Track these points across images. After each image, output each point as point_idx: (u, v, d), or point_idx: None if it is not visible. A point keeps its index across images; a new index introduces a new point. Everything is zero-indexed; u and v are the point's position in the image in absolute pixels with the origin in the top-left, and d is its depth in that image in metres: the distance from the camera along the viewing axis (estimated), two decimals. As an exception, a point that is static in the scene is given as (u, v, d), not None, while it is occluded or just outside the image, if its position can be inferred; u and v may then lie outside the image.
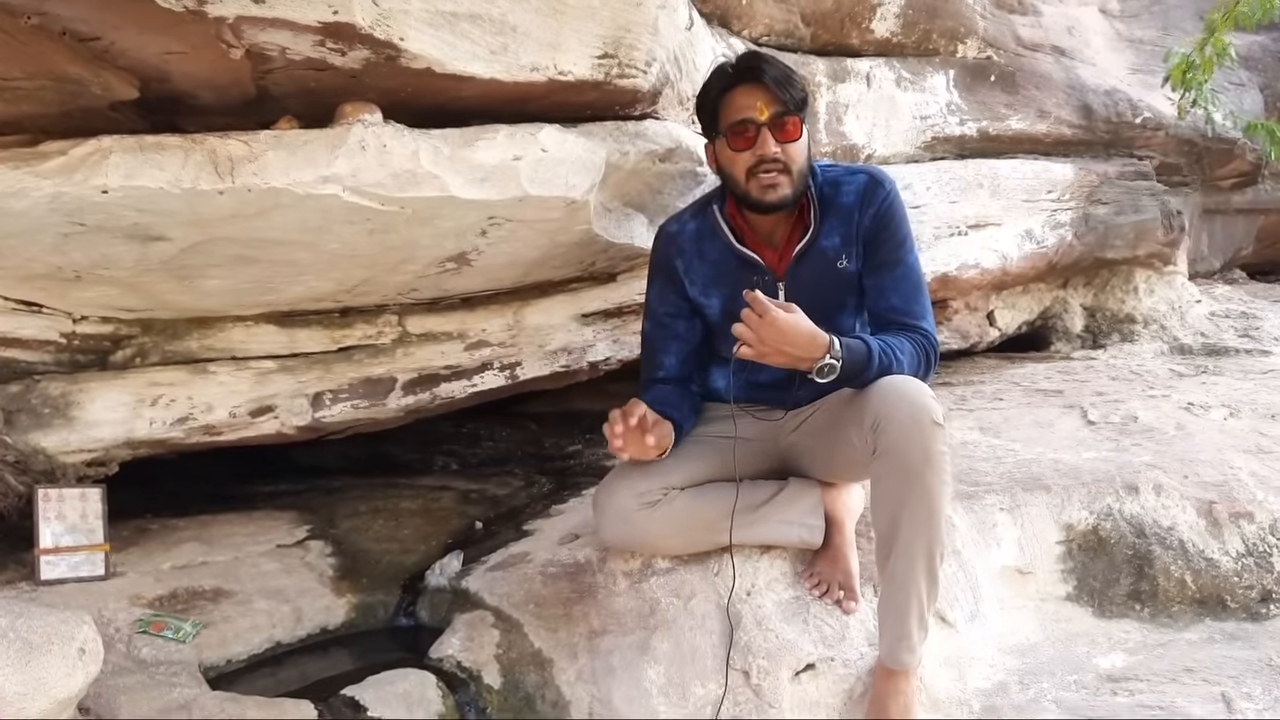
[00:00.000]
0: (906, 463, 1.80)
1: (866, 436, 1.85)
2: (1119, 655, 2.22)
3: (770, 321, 1.75)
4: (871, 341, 1.85)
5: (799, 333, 1.78)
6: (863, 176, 2.03)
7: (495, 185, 1.91)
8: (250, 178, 1.66)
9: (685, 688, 1.95)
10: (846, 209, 2.00)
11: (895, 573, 1.86)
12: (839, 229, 2.01)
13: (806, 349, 1.78)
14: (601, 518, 2.06)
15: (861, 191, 2.00)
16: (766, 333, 1.76)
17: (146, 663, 1.78)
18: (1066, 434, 2.91)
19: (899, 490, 1.82)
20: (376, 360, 2.42)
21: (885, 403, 1.82)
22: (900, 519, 1.83)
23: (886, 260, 1.99)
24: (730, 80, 1.97)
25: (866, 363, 1.83)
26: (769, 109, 1.92)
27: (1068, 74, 3.94)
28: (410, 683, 1.75)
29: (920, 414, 1.80)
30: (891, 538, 1.85)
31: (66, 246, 1.79)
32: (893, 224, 2.00)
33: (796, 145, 1.94)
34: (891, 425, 1.80)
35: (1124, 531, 2.43)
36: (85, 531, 2.09)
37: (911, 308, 1.96)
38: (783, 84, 1.93)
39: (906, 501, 1.81)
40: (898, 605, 1.87)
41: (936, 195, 3.34)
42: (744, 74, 1.96)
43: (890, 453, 1.81)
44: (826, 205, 2.02)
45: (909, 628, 1.87)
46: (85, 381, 2.13)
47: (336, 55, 1.65)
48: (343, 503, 2.64)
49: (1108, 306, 4.23)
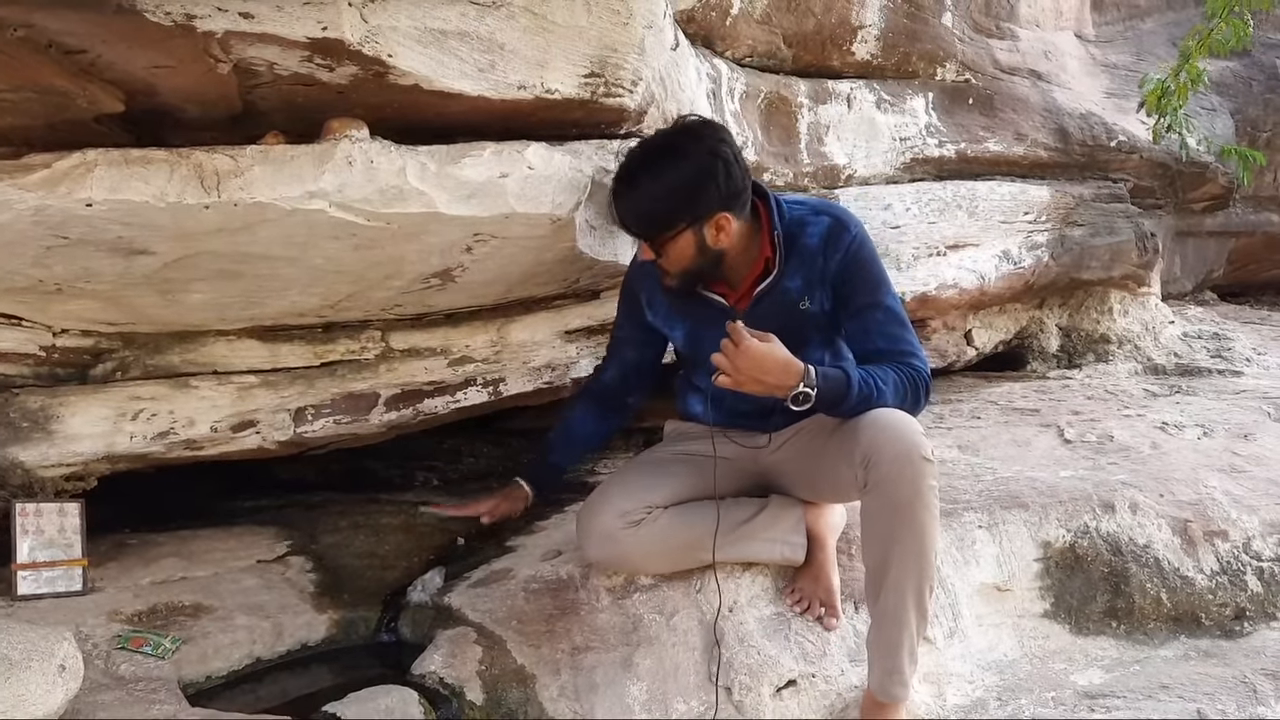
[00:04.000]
0: (897, 499, 1.81)
1: (857, 471, 1.86)
2: (1096, 672, 2.24)
3: (744, 351, 1.76)
4: (851, 371, 1.85)
5: (773, 361, 1.78)
6: (826, 219, 2.01)
7: (481, 202, 1.92)
8: (236, 192, 1.66)
9: (668, 704, 1.95)
10: (810, 251, 1.99)
11: (886, 607, 1.86)
12: (801, 271, 2.00)
13: (781, 377, 1.79)
14: (585, 537, 2.06)
15: (825, 234, 1.99)
16: (742, 362, 1.77)
17: (125, 679, 1.75)
18: (1044, 452, 2.94)
19: (889, 526, 1.83)
20: (360, 376, 2.41)
21: (875, 439, 1.83)
22: (891, 555, 1.83)
23: (864, 304, 1.97)
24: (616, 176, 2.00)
25: (845, 392, 1.82)
26: (630, 232, 2.01)
27: (1044, 98, 3.99)
28: (392, 699, 1.73)
29: (910, 450, 1.81)
30: (882, 573, 1.86)
31: (49, 259, 1.78)
32: (864, 269, 1.99)
33: (668, 256, 1.95)
34: (882, 461, 1.81)
35: (1100, 549, 2.45)
36: (63, 546, 2.06)
37: (897, 346, 1.94)
38: (635, 222, 1.96)
39: (897, 538, 1.83)
40: (889, 639, 1.87)
41: (916, 216, 3.37)
42: (616, 182, 1.99)
43: (880, 488, 1.82)
44: (790, 245, 2.00)
45: (900, 661, 1.88)
46: (65, 395, 2.11)
47: (324, 71, 1.66)
48: (324, 518, 2.61)
49: (1083, 327, 4.28)
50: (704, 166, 1.89)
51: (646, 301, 2.16)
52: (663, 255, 1.94)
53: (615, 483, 2.14)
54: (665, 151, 1.92)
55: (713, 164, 1.89)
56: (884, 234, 3.27)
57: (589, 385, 2.38)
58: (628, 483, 2.11)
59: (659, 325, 2.17)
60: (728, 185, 1.90)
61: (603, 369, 2.34)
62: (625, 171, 1.96)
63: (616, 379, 2.30)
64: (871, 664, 1.93)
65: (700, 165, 1.89)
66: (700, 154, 1.90)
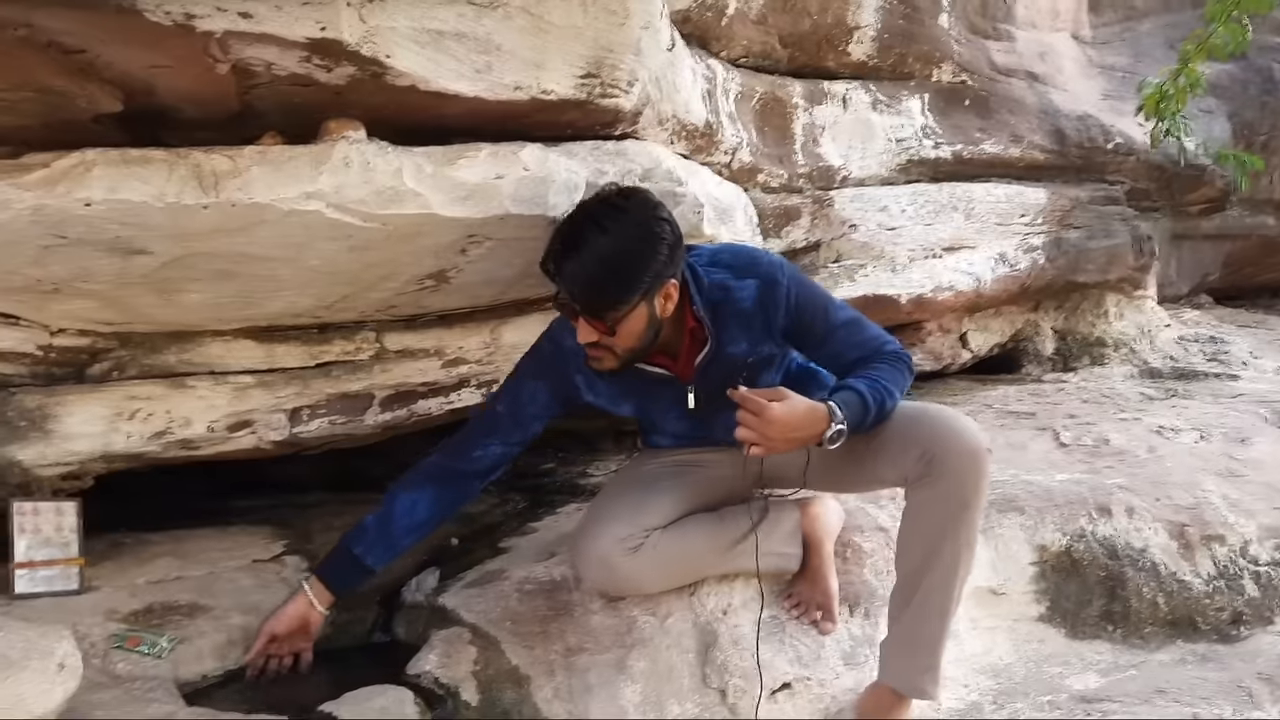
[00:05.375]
0: (961, 494, 1.81)
1: (909, 468, 1.84)
2: (1092, 676, 2.25)
3: (771, 420, 1.72)
4: (859, 385, 1.83)
5: (798, 416, 1.75)
6: (752, 283, 1.91)
7: (477, 203, 1.91)
8: (234, 193, 1.66)
9: (662, 706, 1.95)
10: (746, 314, 1.92)
11: (930, 602, 1.85)
12: (744, 335, 1.94)
13: (810, 427, 1.75)
14: (582, 564, 2.03)
15: (758, 298, 1.91)
16: (770, 430, 1.72)
17: (122, 678, 1.76)
18: (1039, 456, 2.95)
19: (945, 521, 1.82)
20: (355, 376, 2.41)
21: (938, 436, 1.82)
22: (942, 549, 1.83)
23: (824, 335, 1.94)
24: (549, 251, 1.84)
25: (865, 411, 1.80)
26: (575, 306, 1.82)
27: (1041, 99, 3.99)
28: (388, 699, 1.74)
29: (977, 447, 1.81)
30: (927, 567, 1.84)
31: (46, 259, 1.78)
32: (808, 310, 1.93)
33: (619, 334, 1.82)
34: (950, 457, 1.80)
35: (1097, 553, 2.46)
36: (60, 545, 2.06)
37: (868, 347, 1.93)
38: (587, 295, 1.79)
39: (951, 531, 1.82)
40: (929, 635, 1.87)
41: (912, 218, 3.37)
42: (549, 258, 1.84)
43: (943, 482, 1.81)
44: (720, 312, 1.92)
45: (939, 658, 1.88)
46: (62, 394, 2.11)
47: (322, 71, 1.66)
48: (318, 518, 2.62)
49: (1078, 330, 4.28)
50: (651, 229, 1.80)
51: (585, 384, 2.03)
52: (614, 334, 1.82)
53: (607, 505, 2.08)
54: (607, 215, 1.80)
55: (659, 226, 1.81)
56: (879, 236, 3.28)
57: (450, 464, 2.03)
58: (620, 505, 2.05)
59: (601, 404, 2.07)
60: (673, 249, 1.82)
61: (475, 445, 2.03)
62: (566, 239, 1.81)
63: (494, 458, 2.04)
64: (897, 660, 1.91)
65: (648, 228, 1.80)
66: (643, 215, 1.82)
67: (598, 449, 3.24)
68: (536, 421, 2.05)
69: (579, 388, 2.04)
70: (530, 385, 2.04)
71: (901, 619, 1.91)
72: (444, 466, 2.03)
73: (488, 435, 2.04)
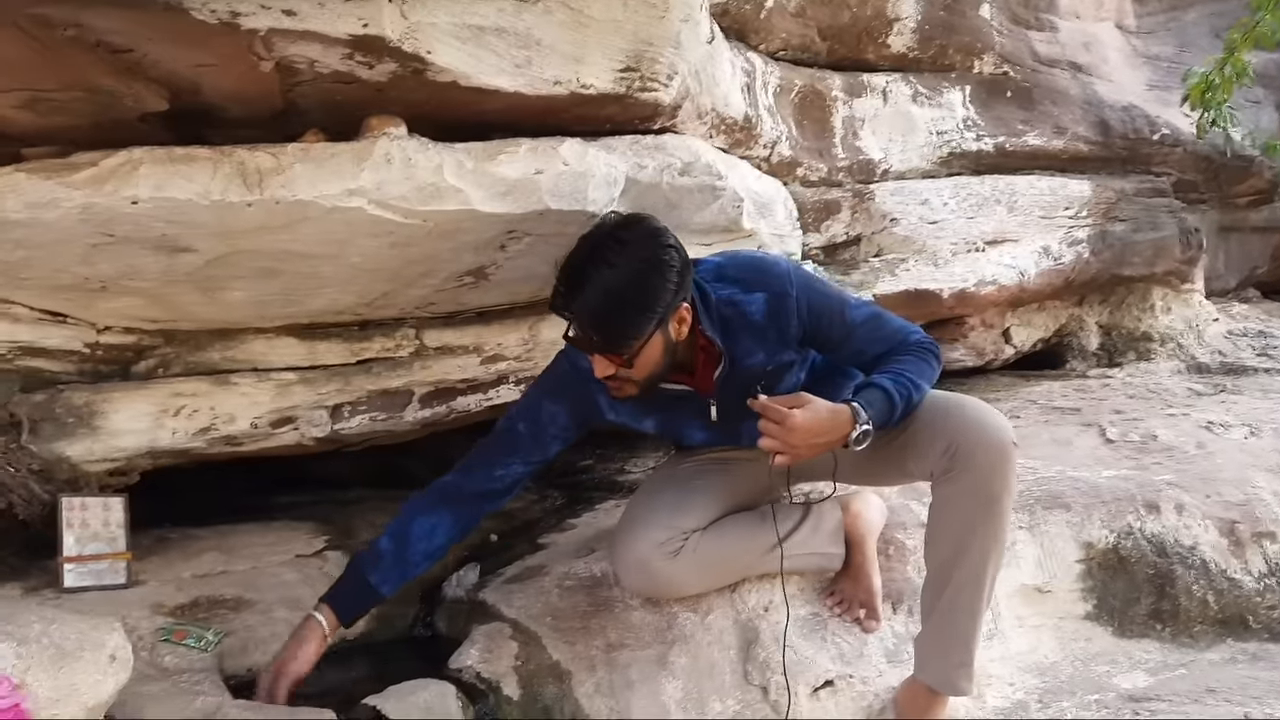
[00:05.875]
0: (987, 489, 1.78)
1: (934, 462, 1.81)
2: (1140, 675, 2.22)
3: (793, 427, 1.70)
4: (883, 381, 1.79)
5: (823, 421, 1.73)
6: (760, 295, 1.87)
7: (516, 199, 1.92)
8: (278, 190, 1.67)
9: (703, 702, 1.95)
10: (759, 328, 1.88)
11: (961, 597, 1.83)
12: (759, 347, 1.90)
13: (835, 431, 1.73)
14: (621, 568, 2.02)
15: (768, 310, 1.87)
16: (794, 438, 1.71)
17: (170, 671, 1.78)
18: (1085, 452, 2.90)
19: (973, 515, 1.79)
20: (394, 373, 2.43)
21: (963, 429, 1.79)
22: (970, 544, 1.80)
23: (842, 337, 1.91)
24: (556, 291, 1.78)
25: (890, 408, 1.78)
26: (591, 344, 1.78)
27: (1085, 90, 3.94)
28: (430, 693, 1.74)
29: (1003, 440, 1.78)
30: (956, 562, 1.82)
31: (94, 257, 1.81)
32: (822, 315, 1.89)
33: (636, 365, 1.78)
34: (976, 451, 1.77)
35: (1145, 550, 2.42)
36: (108, 540, 2.09)
37: (890, 341, 1.89)
38: (602, 331, 1.74)
39: (980, 526, 1.79)
40: (961, 630, 1.84)
41: (954, 211, 3.34)
42: (557, 297, 1.77)
43: (967, 477, 1.78)
44: (732, 326, 1.88)
45: (971, 654, 1.85)
46: (109, 391, 2.14)
47: (364, 68, 1.67)
48: (359, 514, 2.64)
49: (1124, 324, 4.22)
50: (658, 257, 1.75)
51: (608, 405, 1.97)
52: (631, 366, 1.78)
53: (644, 508, 2.05)
54: (611, 249, 1.74)
55: (666, 253, 1.76)
56: (921, 229, 3.24)
57: (469, 484, 1.95)
58: (658, 508, 2.02)
59: (624, 422, 2.04)
60: (682, 274, 1.77)
61: (496, 464, 1.96)
62: (573, 276, 1.75)
63: (515, 476, 1.97)
64: (930, 656, 1.89)
65: (655, 256, 1.75)
66: (648, 246, 1.76)
67: (636, 446, 3.23)
68: (556, 443, 1.99)
69: (601, 409, 1.99)
70: (550, 407, 1.98)
71: (933, 615, 1.88)
72: (461, 487, 1.95)
73: (509, 454, 1.97)
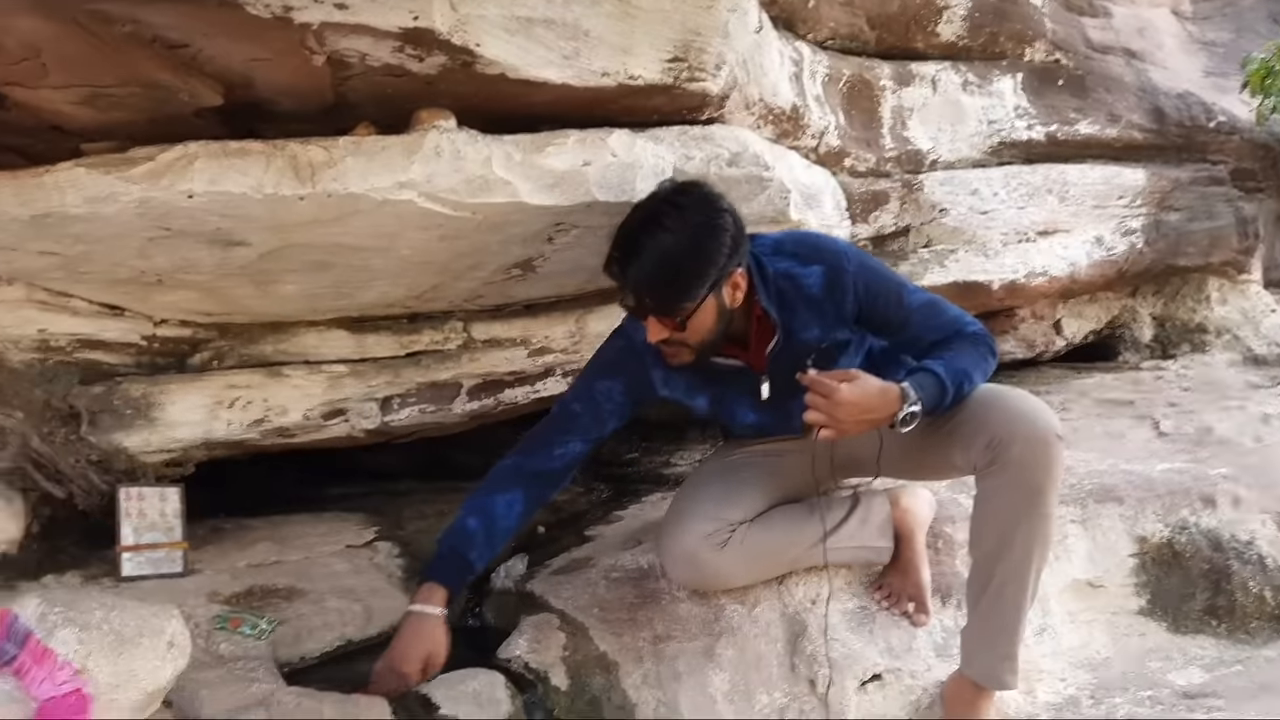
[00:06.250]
0: (1031, 482, 1.75)
1: (976, 453, 1.79)
2: (1195, 671, 2.17)
3: (841, 401, 1.69)
4: (935, 367, 1.78)
5: (871, 398, 1.71)
6: (818, 269, 1.87)
7: (564, 191, 1.92)
8: (330, 183, 1.69)
9: (750, 695, 1.94)
10: (815, 301, 1.88)
11: (1005, 591, 1.80)
12: (815, 321, 1.89)
13: (883, 409, 1.72)
14: (668, 561, 2.02)
15: (825, 284, 1.87)
16: (841, 412, 1.70)
17: (225, 658, 1.81)
18: (1138, 445, 2.86)
19: (1017, 508, 1.77)
20: (443, 365, 2.45)
21: (1006, 422, 1.76)
22: (1014, 537, 1.78)
23: (899, 321, 1.90)
24: (610, 256, 1.82)
25: (941, 393, 1.76)
26: (645, 308, 1.80)
27: (1139, 77, 3.86)
28: (480, 682, 1.76)
29: (1046, 432, 1.75)
30: (1001, 555, 1.80)
31: (151, 251, 1.84)
32: (879, 295, 1.89)
33: (690, 329, 1.79)
34: (1015, 443, 1.74)
35: (1200, 545, 2.38)
36: (164, 529, 2.13)
37: (947, 330, 1.87)
38: (655, 293, 1.76)
39: (1023, 520, 1.77)
40: (1005, 624, 1.82)
41: (1004, 201, 3.29)
42: (611, 263, 1.82)
43: (1011, 470, 1.75)
44: (788, 299, 1.88)
45: (1016, 647, 1.83)
46: (165, 383, 2.19)
47: (414, 61, 1.68)
48: (408, 506, 2.67)
49: (1178, 316, 4.14)
50: (713, 221, 1.77)
51: (661, 380, 1.99)
52: (684, 330, 1.79)
53: (691, 500, 2.05)
54: (665, 212, 1.77)
55: (720, 217, 1.78)
56: (971, 219, 3.20)
57: (532, 465, 1.97)
58: (704, 500, 2.02)
59: (677, 398, 2.04)
60: (736, 240, 1.79)
61: (554, 444, 1.98)
62: (627, 240, 1.79)
63: (574, 454, 1.99)
64: (975, 650, 1.87)
65: (709, 220, 1.77)
66: (703, 209, 1.79)
67: (682, 438, 3.23)
68: (612, 419, 2.01)
69: (654, 383, 2.01)
70: (605, 384, 1.99)
71: (977, 609, 1.86)
72: (523, 467, 1.96)
73: (566, 433, 1.98)
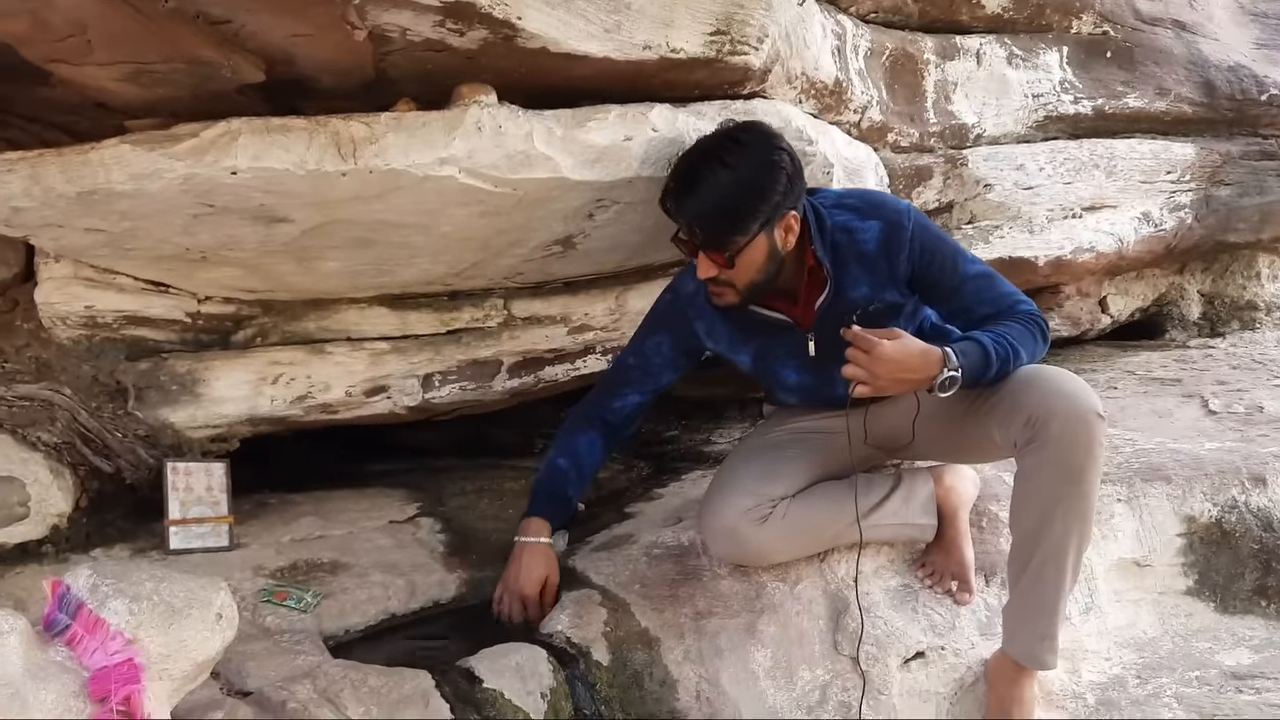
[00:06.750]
0: (1070, 460, 1.73)
1: (1016, 431, 1.77)
2: (1244, 652, 2.15)
3: (880, 357, 1.68)
4: (983, 338, 1.76)
5: (911, 357, 1.70)
6: (875, 224, 1.88)
7: (606, 166, 1.91)
8: (372, 159, 1.69)
9: (792, 671, 1.94)
10: (869, 257, 1.89)
11: (1045, 571, 1.79)
12: (866, 278, 1.90)
13: (922, 370, 1.71)
14: (709, 536, 2.03)
15: (881, 239, 1.88)
16: (879, 368, 1.69)
17: (271, 630, 1.83)
18: (1187, 424, 2.81)
19: (1056, 487, 1.75)
20: (483, 343, 2.46)
21: (1045, 399, 1.74)
22: (1054, 516, 1.76)
23: (953, 287, 1.89)
24: (667, 188, 1.87)
25: (985, 364, 1.74)
26: (695, 240, 1.83)
27: (1189, 49, 3.77)
28: (522, 656, 1.77)
29: (1086, 410, 1.72)
30: (1040, 534, 1.78)
31: (195, 228, 1.86)
32: (935, 257, 1.88)
33: (738, 266, 1.82)
34: (1054, 421, 1.72)
35: (1250, 525, 2.34)
36: (210, 504, 2.16)
37: (1002, 304, 1.86)
38: (706, 225, 1.80)
39: (1063, 499, 1.75)
40: (1045, 604, 1.81)
41: (1050, 176, 3.23)
42: (668, 195, 1.86)
43: (1050, 448, 1.73)
44: (843, 253, 1.89)
45: (1055, 627, 1.82)
46: (210, 360, 2.21)
47: (455, 36, 1.67)
48: (449, 482, 2.68)
49: (1227, 293, 4.07)
50: (770, 159, 1.79)
51: (705, 331, 2.04)
52: (733, 266, 1.81)
53: (732, 475, 2.06)
54: (725, 147, 1.81)
55: (778, 155, 1.80)
56: (1016, 195, 3.15)
57: (597, 413, 2.15)
58: (745, 475, 2.03)
59: (721, 351, 2.08)
60: (793, 179, 1.81)
61: (614, 395, 2.15)
62: (685, 172, 1.83)
63: (633, 407, 2.15)
64: (1015, 629, 1.86)
65: (766, 157, 1.79)
66: (762, 146, 1.81)
67: (721, 417, 3.22)
68: (665, 371, 2.12)
69: (699, 335, 2.06)
70: (654, 339, 2.10)
71: (1017, 588, 1.85)
72: (594, 414, 2.16)
73: (623, 385, 2.15)
